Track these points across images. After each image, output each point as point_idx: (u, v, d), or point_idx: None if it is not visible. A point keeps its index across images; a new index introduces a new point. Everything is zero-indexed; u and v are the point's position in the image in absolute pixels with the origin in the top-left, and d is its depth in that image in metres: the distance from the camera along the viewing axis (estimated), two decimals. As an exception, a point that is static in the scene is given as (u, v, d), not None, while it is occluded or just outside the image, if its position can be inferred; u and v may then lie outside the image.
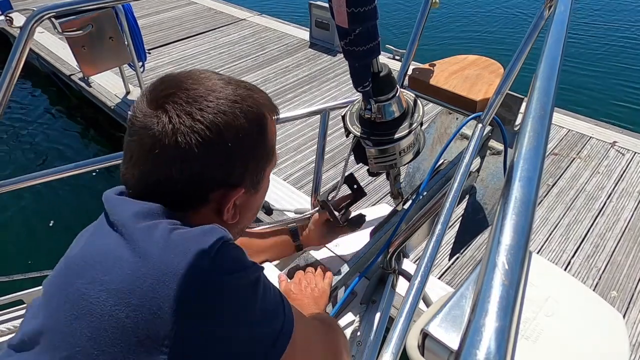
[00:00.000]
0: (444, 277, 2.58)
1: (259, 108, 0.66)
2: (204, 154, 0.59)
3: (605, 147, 3.63)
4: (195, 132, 0.59)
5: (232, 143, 0.61)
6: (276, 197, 3.24)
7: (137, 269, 0.54)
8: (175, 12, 6.93)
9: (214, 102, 0.61)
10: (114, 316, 0.52)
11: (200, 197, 0.63)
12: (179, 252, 0.54)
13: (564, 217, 2.97)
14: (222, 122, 0.60)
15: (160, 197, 0.62)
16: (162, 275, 0.53)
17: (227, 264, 0.56)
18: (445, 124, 1.42)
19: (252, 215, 0.75)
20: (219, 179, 0.63)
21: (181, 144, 0.58)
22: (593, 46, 6.44)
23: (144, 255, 0.54)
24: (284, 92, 4.68)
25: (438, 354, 0.65)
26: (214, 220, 0.65)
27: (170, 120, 0.59)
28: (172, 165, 0.60)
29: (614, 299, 2.43)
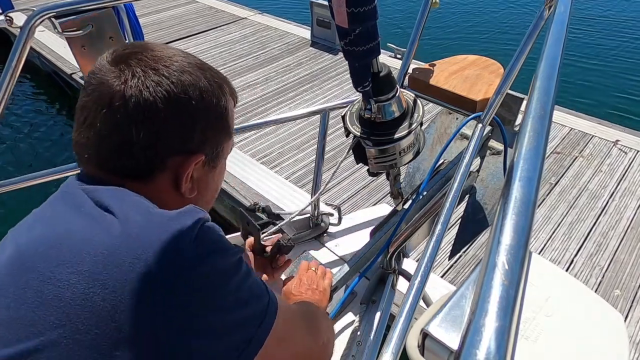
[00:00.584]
0: (446, 276, 2.58)
1: (222, 81, 0.66)
2: (167, 110, 0.57)
3: (608, 145, 3.62)
4: (160, 86, 0.57)
5: (195, 102, 0.60)
6: (277, 196, 3.24)
7: (114, 250, 0.50)
8: (176, 10, 6.94)
9: (179, 63, 0.60)
10: (87, 299, 0.48)
11: (158, 162, 0.60)
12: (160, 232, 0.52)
13: (566, 216, 2.97)
14: (187, 80, 0.59)
15: (115, 163, 0.59)
16: (142, 256, 0.49)
17: (210, 245, 0.54)
18: (445, 124, 1.42)
19: (210, 196, 0.73)
20: (178, 142, 0.60)
21: (145, 97, 0.56)
22: (596, 44, 6.44)
23: (121, 236, 0.51)
24: (285, 91, 4.68)
25: (438, 354, 0.65)
26: (171, 193, 0.63)
27: (134, 74, 0.57)
28: (131, 123, 0.56)
29: (617, 297, 2.42)
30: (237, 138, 3.88)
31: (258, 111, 4.35)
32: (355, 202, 3.21)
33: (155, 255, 0.50)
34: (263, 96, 4.60)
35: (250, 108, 4.41)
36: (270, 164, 3.61)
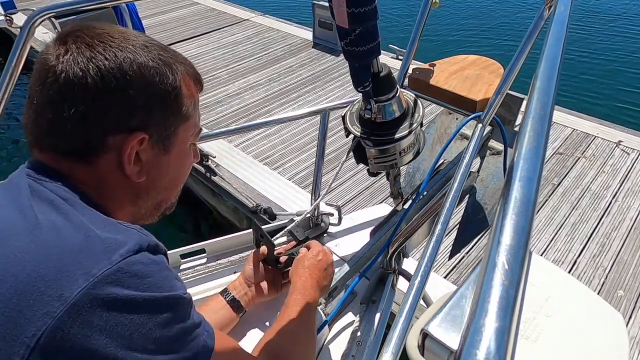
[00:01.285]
0: (449, 276, 2.58)
1: (174, 60, 0.63)
2: (99, 86, 0.56)
3: (610, 146, 3.63)
4: (91, 61, 0.55)
5: (132, 78, 0.57)
6: (280, 197, 3.24)
7: (14, 260, 0.47)
8: (179, 12, 6.95)
9: (118, 40, 0.58)
10: None
11: (95, 141, 0.58)
12: (71, 253, 0.48)
13: (569, 217, 2.97)
14: (124, 57, 0.57)
15: (52, 141, 0.58)
16: (37, 275, 0.46)
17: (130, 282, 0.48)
18: (445, 124, 1.42)
19: (166, 183, 0.68)
20: (114, 119, 0.58)
21: (75, 73, 0.55)
22: (598, 45, 6.45)
23: (30, 246, 0.48)
24: (288, 92, 4.69)
25: (438, 354, 0.65)
26: (117, 176, 0.60)
27: (68, 50, 0.56)
28: (62, 99, 0.55)
29: (620, 298, 2.42)
30: (240, 139, 3.90)
31: (261, 112, 4.35)
32: (359, 202, 3.21)
33: (59, 274, 0.46)
34: (266, 97, 4.61)
35: (253, 109, 4.42)
36: (273, 165, 3.62)
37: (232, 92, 4.72)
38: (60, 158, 0.58)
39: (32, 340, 0.44)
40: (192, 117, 0.67)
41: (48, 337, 0.44)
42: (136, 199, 0.65)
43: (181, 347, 0.53)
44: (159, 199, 0.69)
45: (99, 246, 0.49)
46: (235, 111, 4.41)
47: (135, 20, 4.08)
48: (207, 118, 4.31)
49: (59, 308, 0.44)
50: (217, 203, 3.66)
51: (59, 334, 0.44)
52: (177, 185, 0.73)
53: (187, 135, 0.68)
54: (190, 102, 0.66)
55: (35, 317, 0.44)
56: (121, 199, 0.63)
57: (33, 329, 0.44)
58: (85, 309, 0.45)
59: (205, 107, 4.49)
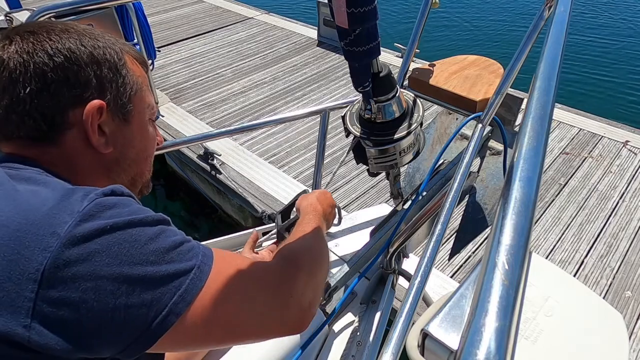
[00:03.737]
0: (455, 276, 2.57)
1: (114, 41, 0.67)
2: (50, 63, 0.59)
3: (617, 146, 3.62)
4: (37, 44, 0.59)
5: (79, 53, 0.61)
6: (286, 195, 3.24)
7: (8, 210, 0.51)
8: (184, 10, 6.96)
9: (61, 27, 0.62)
10: None
11: (57, 118, 0.60)
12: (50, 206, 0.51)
13: (576, 217, 2.96)
14: (68, 37, 0.61)
15: (15, 127, 0.60)
16: (29, 219, 0.50)
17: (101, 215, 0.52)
18: (445, 124, 1.42)
19: (134, 155, 0.71)
20: (70, 93, 0.60)
21: (23, 57, 0.58)
22: (604, 45, 6.44)
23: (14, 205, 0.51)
24: (292, 91, 4.69)
25: (438, 354, 0.65)
26: (86, 151, 0.63)
27: (12, 41, 0.59)
28: (15, 81, 0.58)
29: (628, 299, 2.42)
30: (244, 138, 3.90)
31: (266, 110, 4.35)
32: (364, 201, 3.22)
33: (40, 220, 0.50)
34: (270, 95, 4.61)
35: (258, 107, 4.41)
36: (278, 164, 3.62)
37: (237, 91, 4.71)
38: (27, 144, 0.61)
39: (37, 274, 0.47)
40: (144, 91, 0.71)
41: (51, 269, 0.48)
42: (109, 173, 0.68)
43: (180, 255, 0.55)
44: (132, 172, 0.72)
45: (78, 192, 0.54)
46: (240, 109, 4.41)
47: (142, 18, 4.08)
48: (212, 116, 4.31)
49: (54, 242, 0.48)
50: (222, 201, 3.66)
51: (60, 263, 0.48)
52: (146, 158, 0.75)
53: (142, 107, 0.71)
54: (138, 77, 0.70)
55: (35, 255, 0.48)
56: (94, 175, 0.66)
57: (35, 264, 0.48)
58: (78, 239, 0.49)
59: (210, 106, 4.49)
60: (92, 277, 0.49)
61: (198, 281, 0.55)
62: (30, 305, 0.47)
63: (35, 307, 0.48)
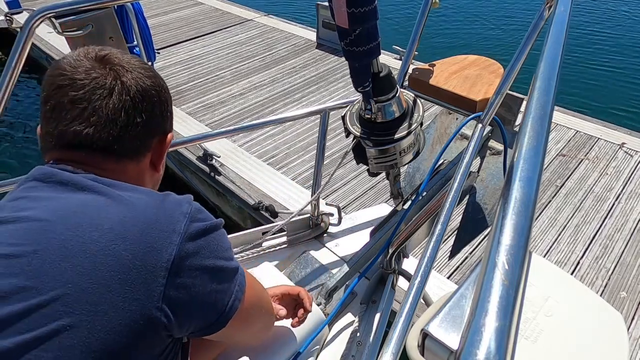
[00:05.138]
0: (452, 277, 2.58)
1: None
2: (156, 97, 0.71)
3: (614, 148, 3.62)
4: (141, 78, 0.69)
5: (163, 92, 0.74)
6: (284, 197, 3.24)
7: (126, 217, 0.61)
8: (183, 12, 6.95)
9: (139, 63, 0.73)
10: (111, 250, 0.57)
11: (149, 141, 0.72)
12: (162, 207, 0.64)
13: (572, 218, 2.96)
14: (153, 75, 0.73)
15: (114, 144, 0.67)
16: (153, 220, 0.61)
17: (200, 217, 0.66)
18: (445, 124, 1.42)
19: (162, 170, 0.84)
20: (161, 126, 0.73)
21: (143, 87, 0.69)
22: (601, 47, 6.43)
23: (131, 207, 0.62)
24: (291, 93, 4.68)
25: (438, 354, 0.65)
26: (148, 172, 0.75)
27: (125, 69, 0.68)
28: (135, 108, 0.68)
29: (623, 299, 2.42)
30: (243, 139, 3.89)
31: (265, 112, 4.35)
32: (363, 202, 3.21)
33: (158, 224, 0.61)
34: (269, 97, 4.60)
35: (257, 109, 4.41)
36: (277, 165, 3.61)
37: (236, 93, 4.71)
38: (114, 157, 0.69)
39: (168, 264, 0.59)
40: None
41: (177, 260, 0.60)
42: (154, 187, 0.80)
43: (233, 256, 0.72)
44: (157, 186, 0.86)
45: (173, 200, 0.67)
46: (239, 111, 4.40)
47: (141, 20, 4.07)
48: (212, 118, 4.31)
49: (177, 239, 0.61)
50: (222, 203, 3.66)
51: (183, 255, 0.61)
52: None
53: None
54: None
55: (164, 247, 0.60)
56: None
57: (166, 255, 0.60)
58: (192, 235, 0.63)
59: (209, 107, 4.48)
60: (200, 267, 0.63)
61: (244, 277, 0.72)
62: (162, 289, 0.59)
63: (165, 292, 0.59)
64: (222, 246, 0.68)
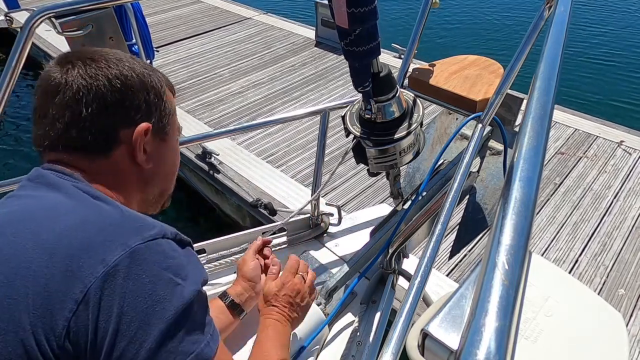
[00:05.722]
0: (451, 275, 2.58)
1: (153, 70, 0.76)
2: (109, 88, 0.67)
3: (612, 146, 3.63)
4: (98, 70, 0.67)
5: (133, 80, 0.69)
6: (284, 195, 3.24)
7: (66, 230, 0.57)
8: (182, 10, 6.96)
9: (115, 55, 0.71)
10: (35, 263, 0.54)
11: (111, 134, 0.68)
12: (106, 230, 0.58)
13: (571, 216, 2.98)
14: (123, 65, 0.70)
15: (73, 139, 0.66)
16: (83, 241, 0.56)
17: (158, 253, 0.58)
18: (445, 124, 1.42)
19: (167, 170, 0.79)
20: (124, 115, 0.69)
21: (86, 80, 0.66)
22: (600, 45, 6.43)
23: (78, 221, 0.58)
24: (290, 91, 4.68)
25: (438, 354, 0.65)
26: (129, 165, 0.70)
27: (74, 66, 0.67)
28: (79, 101, 0.65)
29: (621, 297, 2.43)
30: (243, 137, 3.89)
31: (263, 110, 4.35)
32: (361, 200, 3.21)
33: (99, 246, 0.56)
34: (268, 96, 4.60)
35: (255, 107, 4.41)
36: (276, 163, 3.61)
37: (235, 91, 4.71)
38: (81, 154, 0.68)
39: (80, 295, 0.53)
40: (175, 115, 0.80)
41: (92, 293, 0.53)
42: (145, 186, 0.76)
43: (199, 334, 0.60)
44: (161, 186, 0.80)
45: (133, 223, 0.60)
46: (238, 110, 4.41)
47: (140, 19, 4.07)
48: (210, 116, 4.31)
49: (101, 270, 0.54)
50: (220, 201, 3.66)
51: (99, 292, 0.53)
52: (174, 175, 0.83)
53: (174, 128, 0.79)
54: (172, 102, 0.79)
55: (83, 276, 0.53)
56: (133, 186, 0.73)
57: (81, 286, 0.53)
58: (120, 273, 0.54)
59: (207, 106, 4.48)
60: (120, 317, 0.53)
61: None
62: (66, 324, 0.52)
63: (69, 328, 0.52)
64: (167, 309, 0.55)
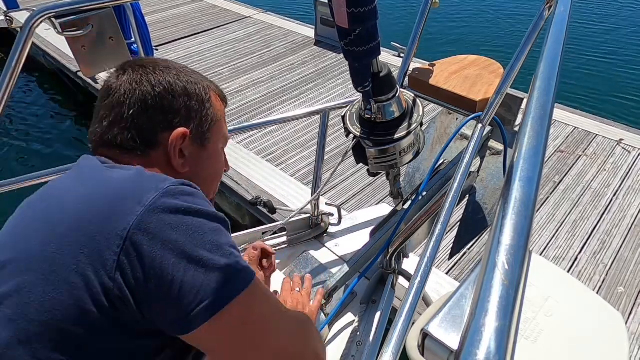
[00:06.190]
0: (451, 273, 2.58)
1: (204, 79, 0.81)
2: (151, 92, 0.72)
3: (612, 144, 3.64)
4: (143, 76, 0.73)
5: (174, 86, 0.74)
6: (283, 194, 3.24)
7: (102, 184, 0.64)
8: (181, 9, 6.96)
9: (163, 64, 0.77)
10: (75, 212, 0.61)
11: (149, 137, 0.73)
12: (138, 181, 0.63)
13: (570, 214, 2.98)
14: (169, 73, 0.75)
15: (114, 137, 0.72)
16: (121, 189, 0.62)
17: (181, 197, 0.62)
18: (445, 124, 1.42)
19: (205, 176, 0.81)
20: (163, 119, 0.73)
21: (131, 84, 0.72)
22: (599, 44, 6.43)
23: (113, 177, 0.65)
24: (289, 90, 4.68)
25: (438, 354, 0.65)
26: (165, 168, 0.74)
27: (125, 72, 0.74)
28: (122, 103, 0.71)
29: (621, 295, 2.43)
30: (242, 136, 3.89)
31: (263, 109, 4.35)
32: (360, 199, 3.21)
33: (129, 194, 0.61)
34: (267, 94, 4.60)
35: (255, 106, 4.41)
36: (276, 162, 3.61)
37: (234, 90, 4.71)
38: (122, 151, 0.72)
39: (124, 232, 0.57)
40: (221, 123, 0.83)
41: (135, 230, 0.58)
42: None
43: (232, 255, 0.62)
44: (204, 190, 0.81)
45: (159, 176, 0.66)
46: (237, 108, 4.40)
47: (139, 18, 4.07)
48: (209, 116, 4.31)
49: (140, 209, 0.59)
50: (220, 200, 3.66)
51: (142, 227, 0.58)
52: (215, 181, 0.86)
53: (218, 136, 0.83)
54: (218, 111, 0.82)
55: (124, 216, 0.58)
56: None
57: (124, 223, 0.58)
58: (158, 211, 0.59)
59: (206, 105, 4.49)
60: (162, 246, 0.58)
61: (242, 282, 0.61)
62: (115, 259, 0.57)
63: (119, 261, 0.57)
64: (202, 235, 0.60)
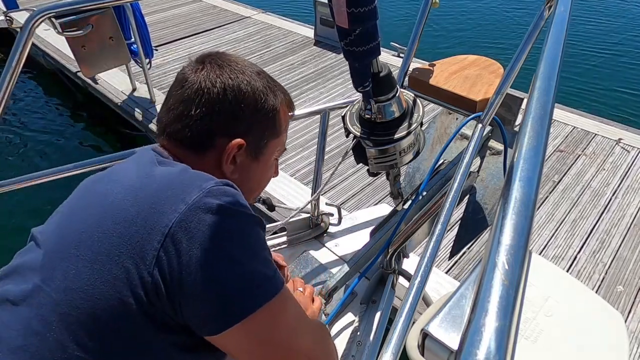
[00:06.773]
0: (450, 272, 2.58)
1: (277, 89, 0.80)
2: (221, 97, 0.73)
3: (611, 144, 3.65)
4: (219, 77, 0.73)
5: (245, 95, 0.74)
6: (283, 193, 3.24)
7: (149, 178, 0.66)
8: (181, 9, 6.96)
9: (242, 65, 0.77)
10: (121, 203, 0.63)
11: (208, 138, 0.74)
12: (184, 179, 0.65)
13: (569, 213, 2.98)
14: (242, 78, 0.75)
15: (176, 130, 0.74)
16: (167, 185, 0.64)
17: (221, 197, 0.63)
18: (445, 124, 1.42)
19: (251, 186, 0.82)
20: (225, 125, 0.74)
21: (206, 83, 0.73)
22: (598, 43, 6.43)
23: (161, 173, 0.67)
24: (289, 90, 4.58)
25: (438, 354, 0.65)
26: (216, 171, 0.74)
27: (204, 68, 0.74)
28: (192, 100, 0.73)
29: (620, 294, 2.44)
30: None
31: (262, 109, 4.36)
32: (360, 199, 3.21)
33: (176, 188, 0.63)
34: (267, 94, 4.61)
35: (253, 106, 4.42)
36: (275, 161, 3.63)
37: (234, 89, 4.73)
38: (179, 145, 0.75)
39: (166, 228, 0.59)
40: (282, 136, 0.84)
41: (176, 228, 0.59)
42: None
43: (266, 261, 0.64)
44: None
45: (204, 175, 0.67)
46: (237, 108, 4.42)
47: (139, 17, 4.07)
48: (209, 116, 4.32)
49: (183, 207, 0.60)
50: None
51: (183, 225, 0.59)
52: (258, 190, 0.88)
53: (274, 150, 0.83)
54: (283, 124, 0.83)
55: (168, 213, 0.60)
56: None
57: (166, 220, 0.60)
58: (200, 210, 0.61)
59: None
60: (199, 246, 0.59)
61: (274, 288, 0.63)
62: (155, 254, 0.58)
63: (158, 257, 0.58)
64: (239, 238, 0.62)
